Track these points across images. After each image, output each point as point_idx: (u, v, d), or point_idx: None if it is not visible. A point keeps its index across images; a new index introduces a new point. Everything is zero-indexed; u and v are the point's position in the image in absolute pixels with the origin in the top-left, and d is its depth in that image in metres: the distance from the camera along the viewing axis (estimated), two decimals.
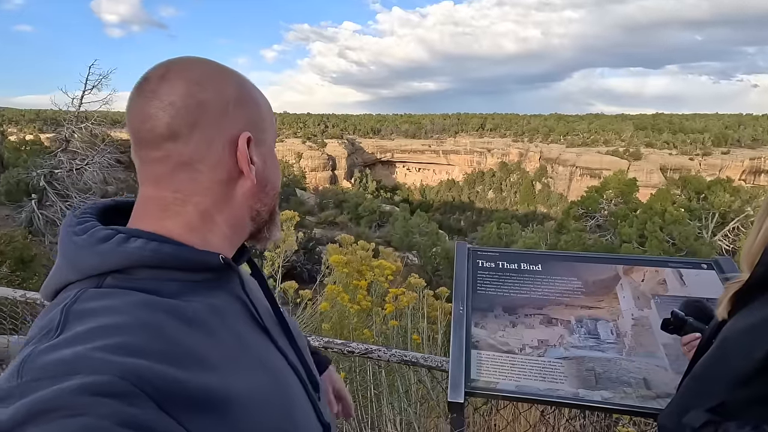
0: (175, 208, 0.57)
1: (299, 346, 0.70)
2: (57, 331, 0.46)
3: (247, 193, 0.61)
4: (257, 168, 0.61)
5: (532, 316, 1.69)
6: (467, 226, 51.51)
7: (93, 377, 0.40)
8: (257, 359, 0.58)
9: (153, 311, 0.50)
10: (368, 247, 2.80)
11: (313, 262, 15.13)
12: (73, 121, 10.66)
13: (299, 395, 0.63)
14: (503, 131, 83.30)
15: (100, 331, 0.45)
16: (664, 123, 75.75)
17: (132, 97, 0.57)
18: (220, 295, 0.59)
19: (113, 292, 0.51)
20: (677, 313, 1.22)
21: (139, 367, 0.43)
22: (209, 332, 0.54)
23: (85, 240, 0.53)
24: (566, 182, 62.61)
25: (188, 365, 0.47)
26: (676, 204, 15.18)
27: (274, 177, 0.66)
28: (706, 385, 0.88)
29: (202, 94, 0.56)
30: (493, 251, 1.99)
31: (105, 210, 0.62)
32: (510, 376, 1.53)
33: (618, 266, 1.81)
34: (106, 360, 0.42)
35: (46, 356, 0.42)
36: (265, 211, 0.65)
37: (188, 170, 0.57)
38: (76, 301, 0.49)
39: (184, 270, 0.56)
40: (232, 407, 0.49)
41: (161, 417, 0.42)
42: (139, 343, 0.46)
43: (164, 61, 0.59)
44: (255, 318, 0.63)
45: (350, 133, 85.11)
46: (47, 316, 0.49)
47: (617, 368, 1.50)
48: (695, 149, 60.92)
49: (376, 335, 2.39)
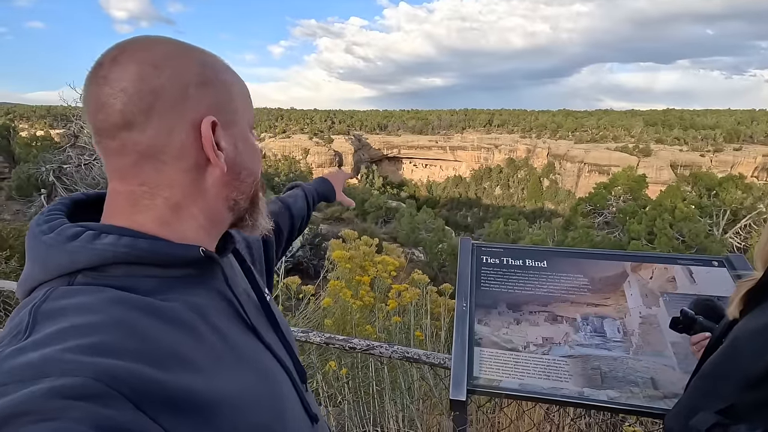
0: (145, 201, 0.54)
1: (287, 338, 0.69)
2: (26, 333, 0.43)
3: (219, 182, 0.57)
4: (227, 154, 0.57)
5: (537, 313, 1.66)
6: (474, 223, 51.34)
7: (64, 380, 0.38)
8: (243, 358, 0.56)
9: (128, 309, 0.47)
10: (371, 243, 2.78)
11: (319, 258, 15.16)
12: (81, 116, 10.80)
13: (288, 391, 0.61)
14: (511, 127, 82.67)
15: (71, 330, 0.43)
16: (674, 119, 74.69)
17: (86, 83, 0.53)
18: (200, 291, 0.56)
19: (85, 289, 0.48)
20: (687, 311, 1.19)
21: (113, 368, 0.41)
22: (190, 331, 0.51)
23: (52, 239, 0.51)
24: (574, 179, 62.06)
25: (167, 365, 0.45)
26: (686, 201, 14.96)
27: (250, 162, 0.61)
28: (715, 385, 0.86)
29: (157, 77, 0.52)
30: (497, 247, 1.96)
31: (75, 204, 0.59)
32: (513, 374, 1.50)
33: (626, 263, 1.78)
34: (77, 361, 0.40)
35: (12, 360, 0.40)
36: (243, 199, 0.61)
37: (151, 161, 0.53)
38: (45, 300, 0.47)
39: (161, 266, 0.53)
40: (217, 409, 0.47)
41: (139, 417, 0.40)
42: (113, 342, 0.43)
43: (119, 42, 0.54)
44: (240, 314, 0.60)
45: (357, 129, 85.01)
46: (17, 317, 0.47)
47: (624, 367, 1.47)
48: (706, 145, 60.03)
49: (378, 331, 2.37)
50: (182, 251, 0.54)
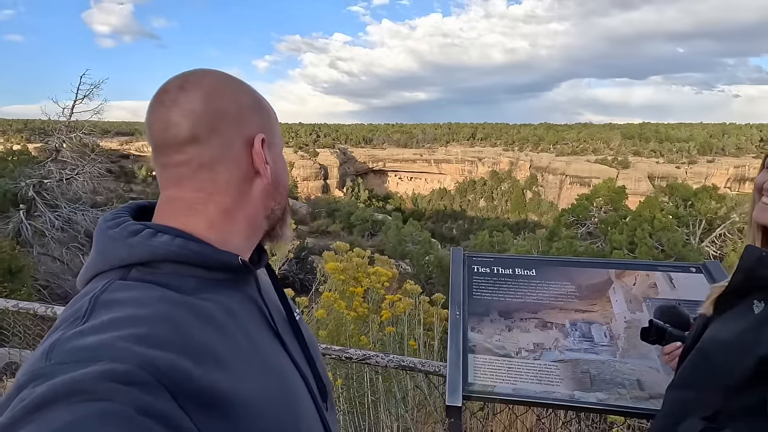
0: (198, 206, 0.61)
1: (311, 353, 0.71)
2: (84, 318, 0.49)
3: (263, 192, 0.65)
4: (271, 168, 0.65)
5: (527, 320, 1.72)
6: (459, 235, 51.64)
7: (114, 365, 0.42)
8: (267, 363, 0.59)
9: (174, 306, 0.52)
10: (364, 254, 2.82)
11: (306, 272, 15.03)
12: (63, 130, 10.59)
13: (306, 404, 0.63)
14: (494, 140, 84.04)
15: (125, 321, 0.48)
16: (650, 132, 77.03)
17: (152, 106, 0.61)
18: (235, 295, 0.61)
19: (137, 285, 0.54)
20: (656, 323, 1.19)
21: (158, 359, 0.45)
22: (224, 331, 0.55)
23: (117, 233, 0.57)
24: (556, 190, 63.20)
25: (203, 361, 0.49)
26: (664, 211, 15.41)
27: (285, 178, 0.70)
28: (698, 394, 0.87)
29: (220, 101, 0.61)
30: (488, 257, 2.02)
31: (138, 209, 0.66)
32: (507, 379, 1.54)
33: (610, 270, 1.85)
34: (127, 349, 0.44)
35: (73, 341, 0.45)
36: (279, 209, 0.69)
37: (208, 171, 0.60)
38: (104, 291, 0.52)
39: (204, 268, 0.58)
40: (238, 410, 0.50)
41: (175, 408, 0.44)
42: (161, 335, 0.48)
43: (180, 74, 0.64)
44: (268, 321, 0.64)
45: (342, 142, 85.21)
46: (77, 304, 0.52)
47: (611, 370, 1.53)
48: (681, 158, 62.02)
49: (372, 342, 2.40)
50: (224, 257, 0.59)
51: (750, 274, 0.85)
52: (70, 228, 10.57)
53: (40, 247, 10.67)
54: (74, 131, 10.81)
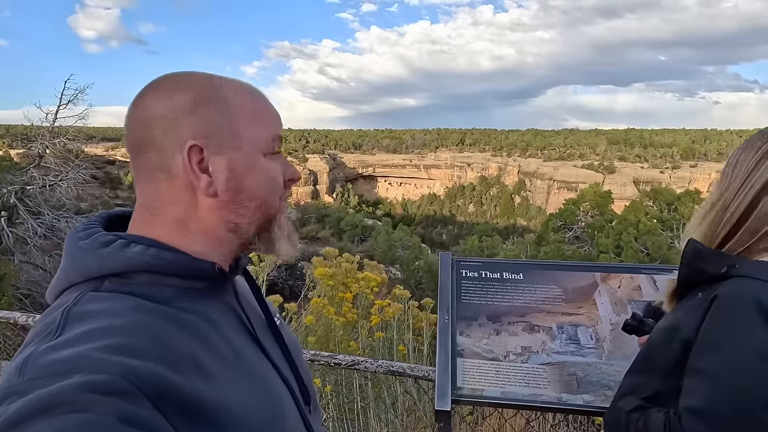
0: (157, 216, 0.60)
1: (293, 358, 0.70)
2: (57, 332, 0.47)
3: (212, 204, 0.60)
4: (218, 177, 0.59)
5: (515, 323, 1.73)
6: (449, 240, 51.86)
7: (93, 376, 0.42)
8: (249, 370, 0.58)
9: (150, 315, 0.51)
10: (353, 260, 2.81)
11: (295, 278, 14.93)
12: (46, 136, 10.40)
13: (290, 410, 0.63)
14: (482, 146, 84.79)
15: (100, 332, 0.47)
16: (635, 138, 78.48)
17: None
18: (212, 303, 0.60)
19: (111, 296, 0.53)
20: (636, 314, 1.27)
21: (137, 368, 0.44)
22: (203, 339, 0.54)
23: (88, 244, 0.56)
24: (544, 195, 63.92)
25: (183, 370, 0.48)
26: (648, 215, 15.71)
27: (255, 187, 0.61)
28: (641, 378, 0.94)
29: (152, 106, 0.58)
30: (475, 261, 2.04)
31: (111, 219, 0.64)
32: (495, 382, 1.56)
33: (596, 273, 1.88)
34: (105, 359, 0.44)
35: (47, 356, 0.44)
36: (246, 223, 0.62)
37: (157, 180, 0.59)
38: (76, 303, 0.51)
39: (179, 276, 0.57)
40: (221, 418, 0.49)
41: (157, 416, 0.43)
42: (138, 344, 0.47)
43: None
44: (248, 329, 0.63)
45: (331, 148, 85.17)
46: (48, 318, 0.51)
47: (597, 372, 1.55)
48: (665, 163, 63.28)
49: (362, 348, 2.39)
50: (199, 265, 0.58)
51: (691, 267, 0.90)
52: (54, 235, 10.35)
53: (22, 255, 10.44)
54: (58, 137, 10.63)
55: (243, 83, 0.64)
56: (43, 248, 10.54)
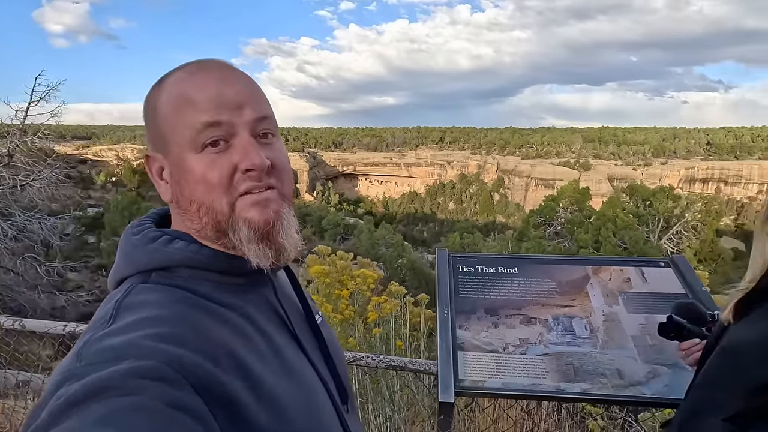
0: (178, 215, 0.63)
1: (332, 355, 0.70)
2: (110, 321, 0.51)
3: (177, 210, 0.62)
4: (166, 185, 0.61)
5: (512, 316, 1.78)
6: (430, 237, 52.22)
7: (141, 362, 0.44)
8: (286, 365, 0.59)
9: (192, 308, 0.54)
10: (347, 257, 2.82)
11: None
12: (16, 134, 9.98)
13: (326, 407, 0.63)
14: (462, 144, 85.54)
15: (149, 321, 0.50)
16: (609, 136, 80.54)
17: None
18: (251, 298, 0.61)
19: (158, 288, 0.56)
20: (675, 318, 1.18)
21: (182, 356, 0.47)
22: (241, 333, 0.56)
23: (138, 240, 0.59)
24: (522, 192, 64.99)
25: (221, 362, 0.50)
26: (625, 211, 16.20)
27: (190, 190, 0.57)
28: (719, 394, 0.88)
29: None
30: (471, 256, 2.08)
31: (163, 215, 0.67)
32: (496, 374, 1.60)
33: (587, 267, 1.95)
34: (153, 347, 0.46)
35: (101, 342, 0.47)
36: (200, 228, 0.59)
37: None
38: (128, 294, 0.54)
39: (219, 272, 0.59)
40: (257, 411, 0.51)
41: (199, 403, 0.45)
42: (181, 334, 0.50)
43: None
44: (286, 324, 0.64)
45: (312, 146, 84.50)
46: (104, 308, 0.54)
47: (593, 361, 1.61)
48: (638, 160, 65.17)
49: (359, 344, 2.40)
50: (237, 261, 0.59)
51: None
52: (25, 237, 9.96)
53: None
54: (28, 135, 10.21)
55: (193, 65, 0.60)
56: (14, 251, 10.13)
